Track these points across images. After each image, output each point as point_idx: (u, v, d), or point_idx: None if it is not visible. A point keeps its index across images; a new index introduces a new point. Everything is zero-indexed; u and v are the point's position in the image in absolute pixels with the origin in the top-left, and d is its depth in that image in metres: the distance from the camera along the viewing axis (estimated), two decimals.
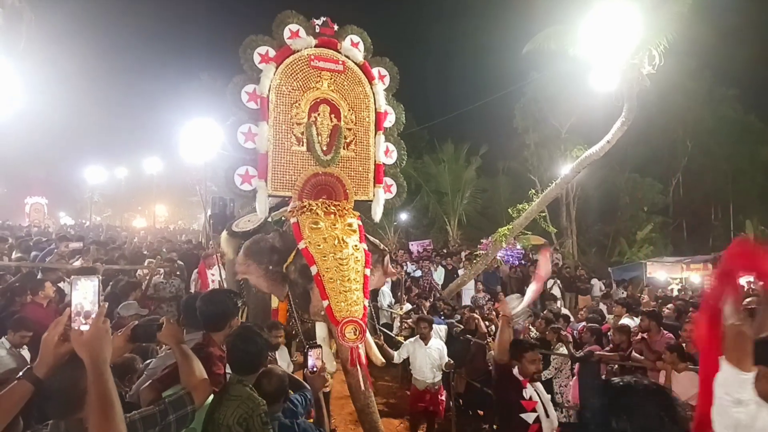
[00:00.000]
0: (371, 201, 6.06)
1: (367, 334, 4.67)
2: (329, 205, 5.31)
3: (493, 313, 8.98)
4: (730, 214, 28.83)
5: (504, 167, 28.04)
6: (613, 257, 24.81)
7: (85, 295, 1.82)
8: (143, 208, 44.61)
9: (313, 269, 4.72)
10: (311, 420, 3.29)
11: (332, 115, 5.89)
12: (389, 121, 6.27)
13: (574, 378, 6.27)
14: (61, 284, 6.86)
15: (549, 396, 3.99)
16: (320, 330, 4.82)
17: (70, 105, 33.86)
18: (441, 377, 6.31)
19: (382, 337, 6.41)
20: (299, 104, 5.73)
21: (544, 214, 12.69)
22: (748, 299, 5.25)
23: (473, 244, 18.53)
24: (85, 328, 1.75)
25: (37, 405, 1.91)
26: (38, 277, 6.92)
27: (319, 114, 5.82)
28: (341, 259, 4.79)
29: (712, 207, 29.65)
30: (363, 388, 4.36)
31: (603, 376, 6.18)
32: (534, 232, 19.36)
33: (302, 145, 5.68)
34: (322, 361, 3.36)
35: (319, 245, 4.85)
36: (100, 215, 43.89)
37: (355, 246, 5.01)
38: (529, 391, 3.83)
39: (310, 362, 3.29)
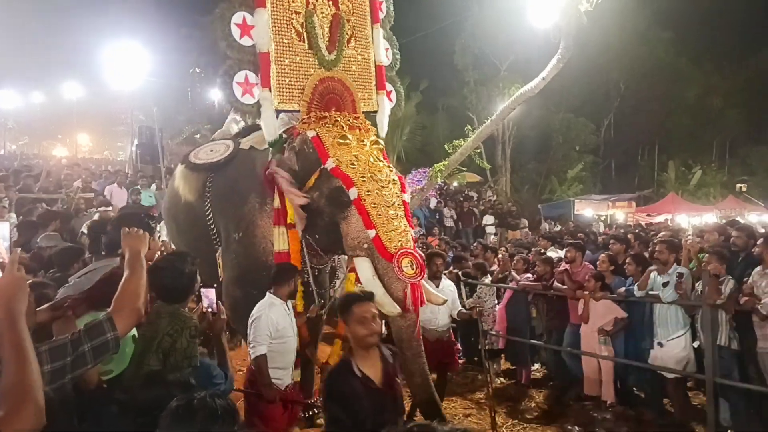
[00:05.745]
0: (375, 112, 4.97)
1: None
2: (350, 118, 4.38)
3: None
4: (656, 155, 30.28)
5: (443, 104, 27.96)
6: (544, 195, 25.74)
7: None
8: (64, 136, 41.90)
9: (352, 193, 3.84)
10: None
11: (330, 2, 4.68)
12: (383, 10, 5.13)
13: (500, 306, 6.51)
14: None
15: None
16: (364, 269, 3.89)
17: None
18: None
19: None
20: None
21: (479, 151, 12.75)
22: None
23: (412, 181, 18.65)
24: None
25: None
26: None
27: (317, 0, 4.62)
28: (382, 180, 3.97)
29: (640, 148, 30.95)
30: (417, 333, 3.75)
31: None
32: (470, 170, 19.75)
33: (303, 42, 4.48)
34: (217, 302, 2.88)
35: (352, 164, 3.96)
36: (15, 143, 40.94)
37: (389, 167, 4.21)
38: None
39: (205, 302, 2.82)
